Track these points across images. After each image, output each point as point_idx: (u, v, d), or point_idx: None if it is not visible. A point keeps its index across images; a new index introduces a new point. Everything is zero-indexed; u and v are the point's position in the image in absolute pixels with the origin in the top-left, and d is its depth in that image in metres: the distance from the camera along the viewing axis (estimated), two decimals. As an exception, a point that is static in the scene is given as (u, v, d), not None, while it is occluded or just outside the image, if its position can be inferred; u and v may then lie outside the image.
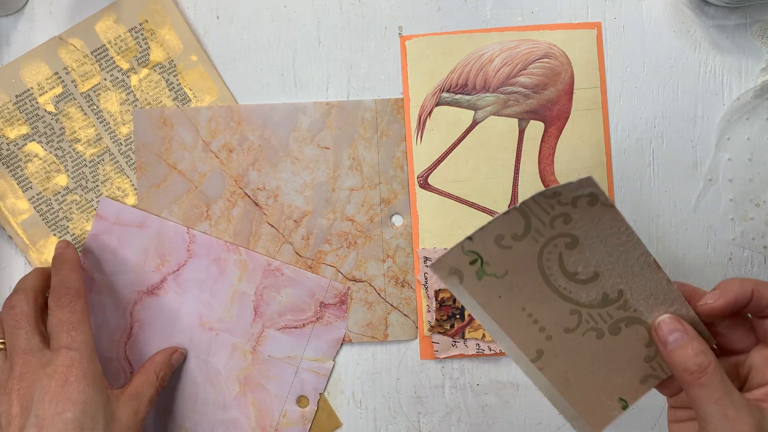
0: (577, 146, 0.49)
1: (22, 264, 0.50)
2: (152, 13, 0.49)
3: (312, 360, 0.49)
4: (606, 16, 0.50)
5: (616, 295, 0.37)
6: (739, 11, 0.50)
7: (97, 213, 0.49)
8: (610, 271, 0.36)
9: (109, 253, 0.49)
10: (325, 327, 0.49)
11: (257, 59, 0.50)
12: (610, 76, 0.50)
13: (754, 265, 0.50)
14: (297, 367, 0.49)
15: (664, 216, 0.50)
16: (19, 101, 0.49)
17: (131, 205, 0.50)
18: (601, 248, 0.36)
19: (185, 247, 0.49)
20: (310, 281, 0.49)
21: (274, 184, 0.50)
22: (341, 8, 0.50)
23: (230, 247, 0.49)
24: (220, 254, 0.49)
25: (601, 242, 0.35)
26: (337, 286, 0.49)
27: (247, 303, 0.49)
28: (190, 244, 0.49)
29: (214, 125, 0.49)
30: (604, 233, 0.35)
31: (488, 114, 0.49)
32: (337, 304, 0.49)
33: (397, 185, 0.50)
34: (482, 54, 0.49)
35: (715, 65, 0.50)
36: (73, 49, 0.49)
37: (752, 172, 0.50)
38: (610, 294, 0.37)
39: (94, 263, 0.49)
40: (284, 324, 0.49)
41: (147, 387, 0.45)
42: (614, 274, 0.36)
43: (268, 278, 0.49)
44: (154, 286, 0.49)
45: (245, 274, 0.49)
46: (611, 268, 0.36)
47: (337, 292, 0.49)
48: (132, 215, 0.49)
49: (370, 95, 0.50)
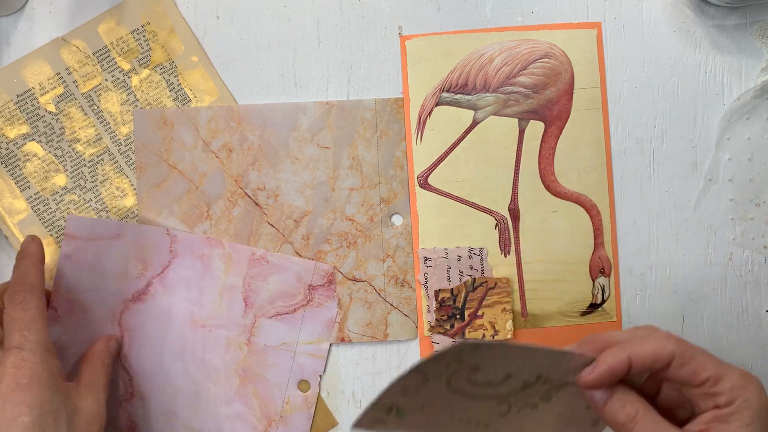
0: (577, 146, 0.49)
1: (21, 264, 0.50)
2: (155, 15, 0.49)
3: (307, 343, 0.49)
4: (606, 16, 0.50)
5: (535, 378, 0.37)
6: (739, 11, 0.50)
7: (66, 233, 0.48)
8: (520, 370, 0.36)
9: (86, 271, 0.48)
10: (316, 309, 0.49)
11: (257, 59, 0.50)
12: (610, 76, 0.50)
13: (754, 265, 0.50)
14: (294, 353, 0.49)
15: (664, 216, 0.50)
16: (20, 101, 0.49)
17: (123, 209, 0.49)
18: (502, 366, 0.36)
19: (167, 248, 0.49)
20: (295, 266, 0.49)
21: (274, 184, 0.50)
22: (341, 8, 0.50)
23: (213, 242, 0.49)
24: (203, 250, 0.49)
25: (500, 365, 0.36)
26: (323, 267, 0.49)
27: (236, 295, 0.49)
28: (171, 244, 0.49)
29: (214, 125, 0.49)
30: (501, 361, 0.36)
31: (488, 114, 0.49)
32: (326, 284, 0.49)
33: (397, 185, 0.50)
34: (482, 54, 0.49)
35: (715, 65, 0.50)
36: (75, 50, 0.49)
37: (752, 172, 0.50)
38: (529, 379, 0.37)
39: (71, 284, 0.48)
40: (275, 311, 0.49)
41: (98, 375, 0.44)
42: (525, 371, 0.37)
43: (254, 268, 0.49)
44: (139, 291, 0.49)
45: (231, 267, 0.49)
46: (520, 369, 0.36)
47: (324, 272, 0.49)
48: (106, 227, 0.49)
49: (370, 95, 0.50)
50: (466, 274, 0.49)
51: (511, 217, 0.49)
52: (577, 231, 0.49)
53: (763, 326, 0.50)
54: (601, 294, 0.49)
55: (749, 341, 0.50)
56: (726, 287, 0.50)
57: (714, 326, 0.50)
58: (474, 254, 0.49)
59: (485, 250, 0.49)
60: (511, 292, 0.49)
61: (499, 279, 0.49)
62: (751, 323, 0.50)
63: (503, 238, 0.49)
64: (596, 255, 0.49)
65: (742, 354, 0.50)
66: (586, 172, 0.50)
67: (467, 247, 0.49)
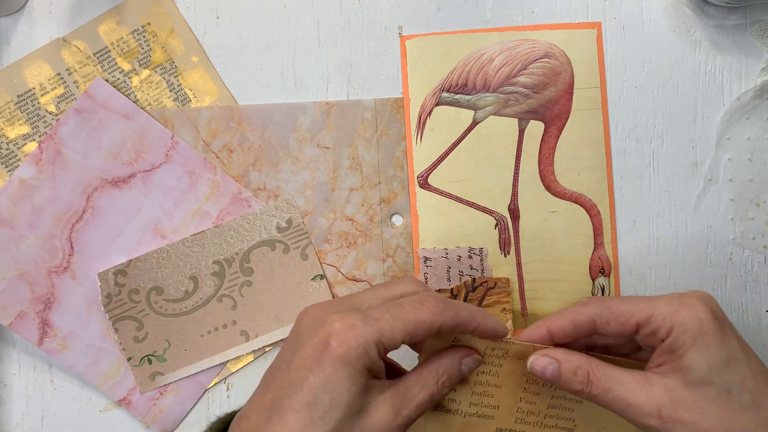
0: (577, 146, 0.49)
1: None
2: (155, 16, 0.49)
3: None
4: (606, 16, 0.50)
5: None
6: (739, 11, 0.50)
7: (87, 89, 0.49)
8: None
9: (84, 133, 0.49)
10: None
11: (257, 59, 0.50)
12: (610, 76, 0.50)
13: (754, 265, 0.50)
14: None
15: (664, 216, 0.50)
16: (20, 101, 0.49)
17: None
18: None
19: (165, 151, 0.49)
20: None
21: (274, 184, 0.50)
22: (341, 8, 0.50)
23: (208, 165, 0.49)
24: (195, 168, 0.49)
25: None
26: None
27: (207, 223, 0.49)
28: (170, 149, 0.49)
29: (215, 126, 0.49)
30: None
31: (488, 114, 0.49)
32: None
33: (397, 185, 0.50)
34: (482, 54, 0.49)
35: (715, 65, 0.50)
36: (76, 50, 0.49)
37: (752, 172, 0.50)
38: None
39: (65, 137, 0.48)
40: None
41: (420, 389, 0.35)
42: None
43: (234, 205, 0.49)
44: (119, 178, 0.49)
45: (214, 195, 0.49)
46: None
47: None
48: (122, 104, 0.49)
49: (370, 95, 0.50)
50: (466, 274, 0.49)
51: (511, 217, 0.49)
52: (577, 231, 0.49)
53: (763, 326, 0.50)
54: (600, 294, 0.49)
55: (749, 341, 0.50)
56: (726, 287, 0.50)
57: (714, 326, 0.50)
58: (474, 254, 0.49)
59: (485, 250, 0.49)
60: (511, 291, 0.49)
61: (499, 279, 0.49)
62: (751, 323, 0.50)
63: (503, 238, 0.49)
64: (596, 255, 0.49)
65: (742, 354, 0.50)
66: (586, 172, 0.50)
67: (467, 247, 0.49)
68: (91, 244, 0.49)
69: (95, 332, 0.49)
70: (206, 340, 0.49)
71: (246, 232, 0.49)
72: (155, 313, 0.48)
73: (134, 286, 0.48)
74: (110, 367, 0.49)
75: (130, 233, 0.49)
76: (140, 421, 0.49)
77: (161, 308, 0.48)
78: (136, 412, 0.49)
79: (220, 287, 0.49)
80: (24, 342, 0.49)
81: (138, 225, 0.49)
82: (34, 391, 0.49)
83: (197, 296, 0.49)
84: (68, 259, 0.49)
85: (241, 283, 0.49)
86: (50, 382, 0.49)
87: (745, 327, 0.50)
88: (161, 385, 0.49)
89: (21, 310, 0.48)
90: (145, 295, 0.48)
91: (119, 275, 0.48)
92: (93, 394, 0.49)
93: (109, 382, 0.49)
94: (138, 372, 0.49)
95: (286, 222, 0.49)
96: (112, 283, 0.48)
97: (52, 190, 0.49)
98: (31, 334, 0.48)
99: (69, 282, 0.49)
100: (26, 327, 0.48)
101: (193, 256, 0.48)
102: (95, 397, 0.49)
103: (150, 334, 0.48)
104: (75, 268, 0.49)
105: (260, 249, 0.49)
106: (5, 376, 0.49)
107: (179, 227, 0.49)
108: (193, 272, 0.49)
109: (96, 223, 0.49)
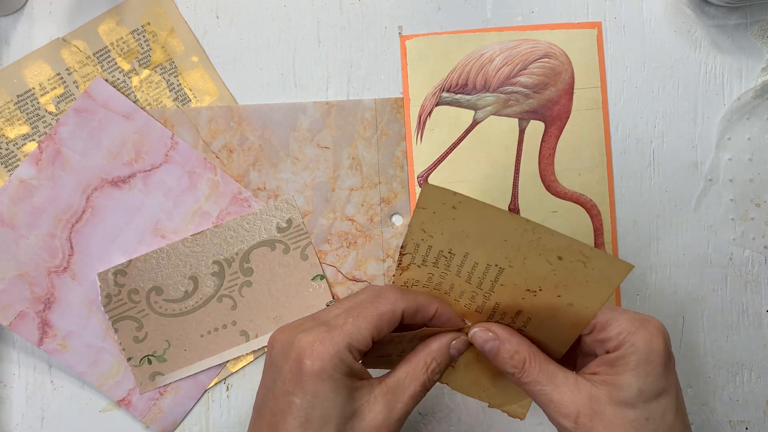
0: (577, 146, 0.49)
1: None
2: (155, 16, 0.49)
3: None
4: (606, 16, 0.50)
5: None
6: (740, 11, 0.50)
7: (87, 89, 0.49)
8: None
9: (84, 133, 0.49)
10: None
11: (257, 59, 0.50)
12: (610, 76, 0.50)
13: (754, 265, 0.50)
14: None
15: (664, 216, 0.50)
16: (20, 101, 0.49)
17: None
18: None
19: (165, 151, 0.49)
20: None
21: (274, 184, 0.50)
22: (341, 8, 0.50)
23: (208, 165, 0.49)
24: (195, 168, 0.49)
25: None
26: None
27: (207, 223, 0.49)
28: (170, 149, 0.49)
29: (215, 126, 0.49)
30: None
31: (488, 114, 0.49)
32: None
33: (397, 185, 0.50)
34: (482, 54, 0.49)
35: (716, 65, 0.50)
36: (75, 50, 0.49)
37: (753, 172, 0.50)
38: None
39: (65, 137, 0.48)
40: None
41: (411, 380, 0.36)
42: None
43: (234, 205, 0.49)
44: (119, 178, 0.49)
45: (214, 195, 0.49)
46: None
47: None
48: (122, 104, 0.49)
49: (370, 95, 0.50)
50: (466, 274, 0.49)
51: (511, 217, 0.49)
52: (577, 231, 0.49)
53: (763, 326, 0.50)
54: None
55: (749, 341, 0.50)
56: (726, 287, 0.50)
57: (714, 326, 0.50)
58: (474, 254, 0.49)
59: (485, 250, 0.49)
60: (511, 292, 0.49)
61: (499, 279, 0.49)
62: (751, 323, 0.50)
63: (503, 238, 0.49)
64: (596, 255, 0.49)
65: (742, 354, 0.50)
66: (587, 172, 0.50)
67: (467, 247, 0.49)
68: (91, 244, 0.49)
69: (95, 332, 0.49)
70: (206, 340, 0.49)
71: (246, 232, 0.49)
72: (155, 313, 0.48)
73: (134, 286, 0.48)
74: (110, 367, 0.49)
75: (130, 233, 0.49)
76: (140, 421, 0.49)
77: (161, 308, 0.48)
78: (135, 412, 0.49)
79: (220, 287, 0.49)
80: (24, 342, 0.49)
81: (138, 225, 0.49)
82: (34, 391, 0.49)
83: (197, 296, 0.49)
84: (68, 259, 0.49)
85: (241, 283, 0.49)
86: (50, 383, 0.49)
87: (745, 327, 0.50)
88: (161, 385, 0.49)
89: (21, 310, 0.48)
90: (145, 295, 0.48)
91: (119, 275, 0.48)
92: (93, 394, 0.49)
93: (108, 382, 0.49)
94: (138, 372, 0.49)
95: (286, 222, 0.49)
96: (111, 283, 0.48)
97: (52, 190, 0.48)
98: (31, 334, 0.48)
99: (69, 282, 0.48)
100: (26, 327, 0.48)
101: (192, 256, 0.49)
102: (95, 397, 0.49)
103: (150, 334, 0.48)
104: (75, 268, 0.49)
105: (260, 249, 0.49)
106: (5, 376, 0.49)
107: (179, 227, 0.49)
108: (192, 272, 0.49)
109: (96, 223, 0.49)
